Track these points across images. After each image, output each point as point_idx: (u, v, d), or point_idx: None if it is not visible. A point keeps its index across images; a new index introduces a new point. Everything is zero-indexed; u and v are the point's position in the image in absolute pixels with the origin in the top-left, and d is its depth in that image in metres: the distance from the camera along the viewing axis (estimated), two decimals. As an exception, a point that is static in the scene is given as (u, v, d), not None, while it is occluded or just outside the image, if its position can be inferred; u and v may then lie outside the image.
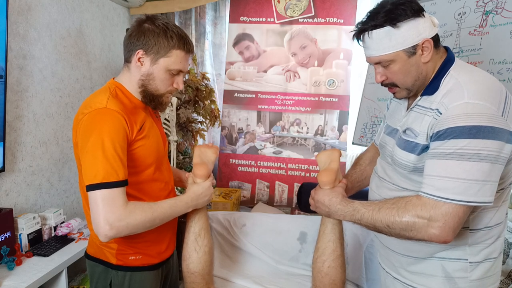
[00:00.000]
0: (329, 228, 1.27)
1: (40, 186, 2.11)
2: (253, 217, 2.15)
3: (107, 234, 1.00)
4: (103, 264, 1.20)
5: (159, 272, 1.28)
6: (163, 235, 1.26)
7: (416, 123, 1.08)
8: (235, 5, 2.99)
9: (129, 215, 1.02)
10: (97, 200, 1.00)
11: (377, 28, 1.04)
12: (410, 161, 1.07)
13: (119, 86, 1.17)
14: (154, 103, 1.19)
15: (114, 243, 1.16)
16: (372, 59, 1.10)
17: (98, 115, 1.04)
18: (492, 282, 1.09)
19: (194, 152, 1.38)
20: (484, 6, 1.84)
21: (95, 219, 1.00)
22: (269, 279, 1.86)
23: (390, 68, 1.08)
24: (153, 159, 1.19)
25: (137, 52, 1.12)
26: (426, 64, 1.07)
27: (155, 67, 1.13)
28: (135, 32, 1.13)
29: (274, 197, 2.93)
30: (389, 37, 1.03)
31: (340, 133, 2.85)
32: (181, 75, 1.19)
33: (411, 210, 0.98)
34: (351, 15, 2.80)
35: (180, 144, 2.80)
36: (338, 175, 1.30)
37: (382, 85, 1.15)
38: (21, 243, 1.77)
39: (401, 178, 1.14)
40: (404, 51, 1.04)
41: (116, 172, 1.01)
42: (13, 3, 1.88)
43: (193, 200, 1.21)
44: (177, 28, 1.15)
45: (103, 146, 1.01)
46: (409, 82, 1.09)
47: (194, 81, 2.80)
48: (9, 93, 1.84)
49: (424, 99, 1.09)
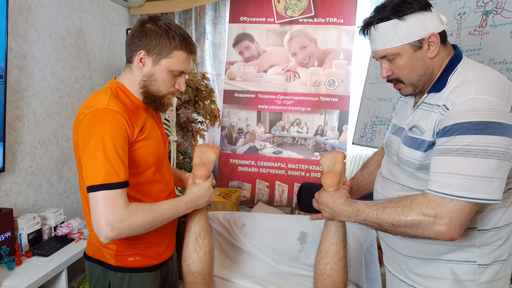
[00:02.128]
0: (333, 231, 1.26)
1: (40, 186, 2.11)
2: (253, 217, 2.15)
3: (108, 236, 1.00)
4: (102, 265, 1.19)
5: (158, 273, 1.27)
6: (163, 237, 1.26)
7: (422, 120, 1.07)
8: (235, 5, 2.99)
9: (130, 216, 1.02)
10: (98, 202, 0.99)
11: (383, 21, 1.03)
12: (416, 158, 1.06)
13: (121, 86, 1.16)
14: (155, 104, 1.18)
15: (113, 244, 1.15)
16: (378, 53, 1.09)
17: (99, 116, 1.04)
18: (502, 285, 1.08)
19: (194, 152, 1.38)
20: (484, 6, 1.84)
21: (96, 220, 1.00)
22: (269, 279, 1.86)
23: (395, 63, 1.07)
24: (153, 160, 1.18)
25: (139, 53, 1.11)
26: (433, 60, 1.06)
27: (157, 68, 1.12)
28: (137, 32, 1.12)
29: (274, 197, 2.93)
30: (395, 30, 1.02)
31: (340, 133, 2.85)
32: (183, 76, 1.18)
33: (417, 208, 0.97)
34: (351, 15, 2.80)
35: (180, 144, 2.80)
36: (342, 177, 1.29)
37: (388, 81, 1.14)
38: (21, 243, 1.77)
39: (406, 177, 1.13)
40: (410, 44, 1.03)
41: (117, 173, 1.01)
42: (13, 3, 1.88)
43: (193, 201, 1.21)
44: (180, 29, 1.14)
45: (104, 147, 1.00)
46: (414, 77, 1.08)
47: (194, 81, 2.80)
48: (9, 93, 1.84)
49: (431, 96, 1.08)
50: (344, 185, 1.27)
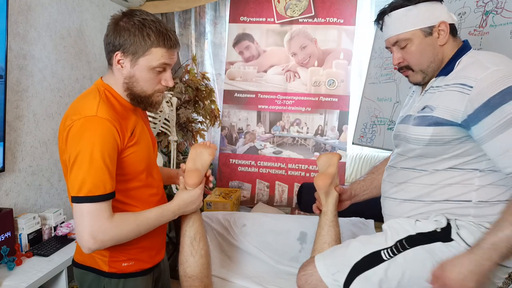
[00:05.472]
0: (325, 230, 1.28)
1: (40, 186, 2.11)
2: (253, 217, 2.15)
3: (90, 247, 0.99)
4: (94, 272, 1.15)
5: (151, 276, 1.25)
6: (155, 240, 1.23)
7: (432, 100, 1.10)
8: (235, 5, 2.99)
9: (114, 229, 1.01)
10: (83, 214, 0.97)
11: (396, 9, 1.11)
12: (426, 133, 1.07)
13: (108, 88, 1.10)
14: (143, 104, 1.12)
15: (106, 250, 1.11)
16: (390, 40, 1.15)
17: (88, 124, 0.99)
18: None
19: (189, 153, 1.31)
20: (484, 6, 1.84)
21: (79, 231, 0.99)
22: (269, 279, 1.87)
23: (407, 49, 1.12)
24: (144, 166, 1.14)
25: (115, 54, 1.04)
26: (442, 47, 1.11)
27: (136, 68, 1.05)
28: (111, 32, 1.04)
29: (274, 197, 2.93)
30: (407, 16, 1.10)
31: (340, 133, 2.85)
32: (168, 71, 1.10)
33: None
34: (351, 15, 2.80)
35: (180, 144, 2.80)
36: (334, 180, 1.31)
37: (399, 70, 1.19)
38: (21, 243, 1.77)
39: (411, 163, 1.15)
40: (421, 30, 1.09)
41: (104, 185, 0.98)
42: (13, 3, 1.88)
43: (180, 209, 1.18)
44: (157, 23, 1.04)
45: (91, 157, 0.96)
46: (424, 63, 1.12)
47: (194, 81, 2.80)
48: (9, 93, 1.84)
49: (439, 80, 1.11)
50: (335, 188, 1.30)
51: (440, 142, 1.06)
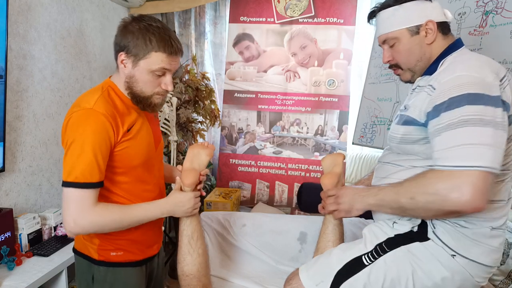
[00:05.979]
0: (330, 229, 1.28)
1: (40, 186, 2.11)
2: (253, 217, 2.14)
3: (71, 231, 1.06)
4: (86, 259, 1.21)
5: (143, 269, 1.27)
6: (146, 235, 1.25)
7: (410, 100, 1.13)
8: (235, 5, 2.99)
9: (95, 216, 1.06)
10: (69, 198, 1.05)
11: (385, 8, 1.14)
12: (399, 132, 1.11)
13: (113, 86, 1.16)
14: (141, 104, 1.17)
15: (96, 238, 1.17)
16: (380, 38, 1.18)
17: (83, 116, 1.06)
18: None
19: (187, 152, 1.33)
20: (484, 6, 1.84)
21: (64, 214, 1.06)
22: (269, 279, 1.86)
23: (395, 47, 1.15)
24: (140, 161, 1.18)
25: (120, 54, 1.12)
26: (430, 46, 1.12)
27: (136, 70, 1.12)
28: (119, 33, 1.12)
29: (274, 197, 2.93)
30: (394, 16, 1.12)
31: (340, 133, 2.85)
32: (168, 76, 1.15)
33: (435, 182, 0.94)
34: (351, 15, 2.80)
35: (180, 144, 2.80)
36: (340, 179, 1.32)
37: (389, 67, 1.23)
38: (21, 243, 1.77)
39: (394, 158, 1.18)
40: (408, 29, 1.11)
41: (91, 174, 1.04)
42: (13, 3, 1.88)
43: (170, 207, 1.20)
44: (161, 30, 1.11)
45: (82, 148, 1.03)
46: (412, 62, 1.14)
47: (194, 81, 2.80)
48: (9, 93, 1.84)
49: (424, 79, 1.13)
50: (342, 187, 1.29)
51: (409, 141, 1.09)
